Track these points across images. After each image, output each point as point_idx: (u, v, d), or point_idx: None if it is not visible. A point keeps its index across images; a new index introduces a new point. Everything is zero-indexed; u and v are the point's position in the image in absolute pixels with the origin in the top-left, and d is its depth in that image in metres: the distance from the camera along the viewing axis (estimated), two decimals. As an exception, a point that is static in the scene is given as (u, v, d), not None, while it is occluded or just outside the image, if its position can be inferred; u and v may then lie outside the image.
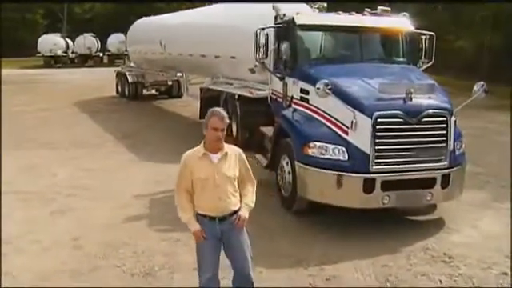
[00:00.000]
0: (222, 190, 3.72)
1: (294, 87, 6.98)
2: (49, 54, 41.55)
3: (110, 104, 18.19)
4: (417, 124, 5.70)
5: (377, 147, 5.64)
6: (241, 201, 3.84)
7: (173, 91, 19.32)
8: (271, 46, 7.63)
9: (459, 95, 7.23)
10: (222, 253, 3.87)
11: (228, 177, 3.74)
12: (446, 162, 5.93)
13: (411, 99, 5.68)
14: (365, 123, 5.64)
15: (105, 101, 18.99)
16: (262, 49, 7.35)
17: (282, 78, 7.46)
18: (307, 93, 6.54)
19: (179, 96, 18.86)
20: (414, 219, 6.55)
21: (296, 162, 6.16)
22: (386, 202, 5.77)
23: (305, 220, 6.32)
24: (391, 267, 5.15)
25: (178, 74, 17.07)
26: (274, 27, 7.60)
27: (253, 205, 3.89)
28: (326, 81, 5.80)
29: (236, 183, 3.82)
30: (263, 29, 7.30)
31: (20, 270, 4.96)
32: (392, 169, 5.73)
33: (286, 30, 7.40)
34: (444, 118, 5.84)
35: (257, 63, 7.46)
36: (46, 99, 19.22)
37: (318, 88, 5.77)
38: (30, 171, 8.75)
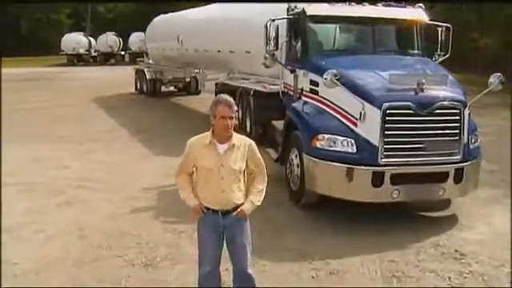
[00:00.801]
0: (226, 182, 3.58)
1: (304, 79, 6.87)
2: (72, 53, 42.28)
3: (128, 100, 18.34)
4: (428, 116, 5.53)
5: (386, 139, 5.49)
6: (247, 196, 3.69)
7: (191, 88, 19.36)
8: (282, 38, 7.52)
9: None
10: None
11: (233, 170, 3.58)
12: (459, 156, 5.73)
13: (423, 90, 5.51)
14: (374, 114, 5.50)
15: (123, 97, 19.17)
16: (272, 41, 7.24)
17: (293, 71, 7.36)
18: (317, 84, 6.42)
19: (197, 93, 18.90)
20: (426, 215, 6.36)
21: (304, 155, 6.06)
22: (395, 196, 5.61)
23: (313, 214, 6.21)
24: (398, 263, 5.00)
25: (196, 71, 17.14)
26: (285, 18, 7.49)
27: (258, 203, 3.70)
28: (334, 71, 5.67)
29: (242, 176, 3.66)
30: (273, 20, 7.19)
31: (21, 257, 4.97)
32: (402, 162, 5.57)
33: (297, 21, 7.30)
34: (457, 110, 5.65)
35: (267, 55, 7.34)
36: (65, 95, 19.52)
37: (326, 78, 5.65)
38: (42, 163, 8.82)
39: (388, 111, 5.45)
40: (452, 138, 5.69)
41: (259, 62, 9.74)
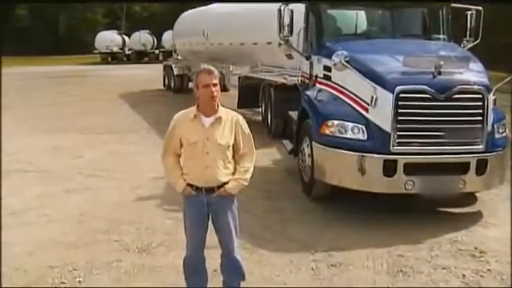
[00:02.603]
0: (211, 157, 3.41)
1: (318, 66, 6.66)
2: (105, 51, 42.93)
3: (155, 96, 18.51)
4: (447, 101, 5.19)
5: (399, 125, 5.20)
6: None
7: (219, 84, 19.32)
8: (298, 24, 7.31)
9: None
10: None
11: (219, 144, 3.41)
12: (481, 146, 5.36)
13: (440, 73, 5.18)
14: (386, 99, 5.22)
15: (150, 93, 19.36)
16: (286, 26, 7.05)
17: (308, 58, 7.15)
18: (329, 70, 6.19)
19: (225, 90, 18.84)
20: (447, 211, 6.01)
21: (313, 143, 5.85)
22: (409, 187, 5.30)
23: (323, 206, 6.00)
24: (408, 258, 4.72)
25: (222, 66, 17.09)
26: (299, 2, 7.28)
27: (245, 183, 3.54)
28: (344, 52, 5.44)
29: (230, 152, 3.50)
30: (287, 4, 7.00)
31: (20, 239, 5.03)
32: (416, 150, 5.26)
33: (311, 5, 7.08)
34: (479, 95, 5.28)
35: (281, 41, 7.16)
36: (95, 91, 19.92)
37: (334, 60, 5.42)
38: (59, 152, 9.04)
39: (401, 95, 5.16)
40: (474, 126, 5.32)
41: (281, 52, 9.65)
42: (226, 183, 3.49)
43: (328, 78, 6.27)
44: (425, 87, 5.16)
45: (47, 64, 35.59)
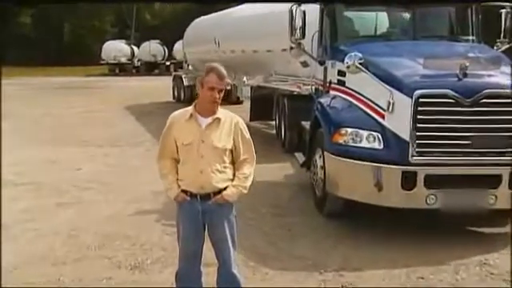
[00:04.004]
0: (207, 161, 3.39)
1: (332, 70, 6.62)
2: (113, 62, 43.24)
3: (163, 108, 18.59)
4: (473, 106, 5.06)
5: (418, 133, 5.09)
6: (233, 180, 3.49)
7: (231, 96, 19.36)
8: (310, 27, 7.29)
9: None
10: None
11: (215, 147, 3.39)
12: (514, 156, 5.22)
13: (466, 75, 5.08)
14: (404, 104, 5.13)
15: (158, 105, 19.52)
16: (298, 29, 7.04)
17: (322, 63, 7.12)
18: (344, 74, 6.15)
19: (239, 102, 18.87)
20: (475, 230, 5.84)
21: (325, 153, 5.78)
22: (431, 202, 5.18)
23: (336, 222, 5.92)
24: (430, 280, 4.59)
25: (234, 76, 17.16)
26: (312, 2, 7.28)
27: (244, 191, 3.50)
28: (359, 54, 5.39)
29: (227, 157, 3.47)
30: (299, 4, 7.00)
31: (4, 253, 4.97)
32: (438, 161, 5.14)
33: (325, 5, 7.08)
34: (511, 100, 5.16)
35: (293, 45, 7.15)
36: (99, 102, 20.21)
37: (347, 62, 5.38)
38: (55, 165, 9.13)
39: (421, 100, 5.07)
40: (505, 134, 5.16)
41: (296, 60, 9.65)
42: (224, 190, 3.45)
43: (342, 83, 6.22)
44: (448, 91, 5.06)
45: (51, 74, 36.26)
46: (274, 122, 12.41)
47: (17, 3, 40.08)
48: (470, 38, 6.93)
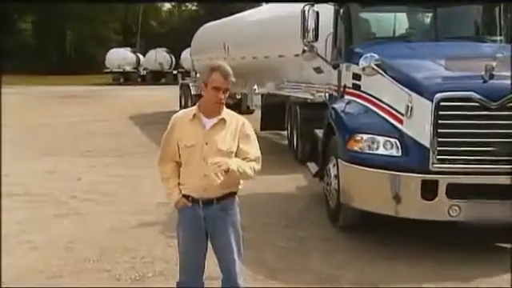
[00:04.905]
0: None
1: (347, 74, 6.59)
2: (117, 70, 43.53)
3: (168, 118, 18.44)
4: (500, 110, 4.99)
5: (440, 139, 5.03)
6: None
7: (242, 106, 19.39)
8: (323, 28, 7.28)
9: None
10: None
11: (219, 150, 3.34)
12: (547, 165, 5.12)
13: (492, 77, 5.00)
14: (424, 108, 5.08)
15: (164, 115, 19.45)
16: (311, 31, 7.03)
17: (336, 66, 7.10)
18: (359, 78, 6.12)
19: (250, 112, 18.88)
20: (505, 246, 5.71)
21: (339, 161, 5.73)
22: (454, 213, 5.09)
23: (353, 235, 5.88)
24: (451, 298, 4.50)
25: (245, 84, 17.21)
26: (325, 2, 7.28)
27: (250, 172, 3.33)
28: (375, 55, 5.36)
29: None
30: (312, 5, 7.00)
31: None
32: (462, 169, 5.05)
33: (340, 5, 7.08)
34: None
35: (305, 48, 7.13)
36: (102, 112, 20.40)
37: (362, 64, 5.35)
38: (55, 175, 9.19)
39: (442, 103, 5.00)
40: None
41: (309, 66, 9.66)
42: (228, 195, 3.41)
43: (357, 87, 6.19)
44: (472, 94, 4.99)
45: (52, 83, 36.66)
46: (285, 132, 12.40)
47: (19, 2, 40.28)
48: (498, 38, 6.86)
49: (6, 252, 5.45)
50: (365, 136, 5.44)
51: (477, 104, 5.01)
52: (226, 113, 3.46)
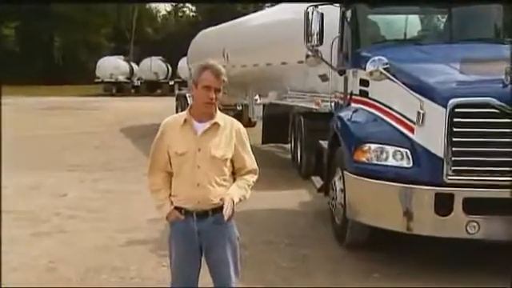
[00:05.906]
0: (203, 173, 3.33)
1: (354, 80, 6.58)
2: (109, 80, 43.45)
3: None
4: None
5: (455, 149, 4.99)
6: None
7: (243, 118, 19.33)
8: (334, 31, 7.28)
9: None
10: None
11: (213, 156, 3.33)
12: None
13: None
14: (437, 115, 5.04)
15: (157, 127, 19.59)
16: (315, 35, 7.02)
17: (342, 72, 7.08)
18: (367, 84, 6.10)
19: (251, 125, 18.80)
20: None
21: (346, 173, 5.69)
22: (472, 230, 5.01)
23: (358, 253, 5.85)
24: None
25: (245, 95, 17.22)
26: (330, 3, 7.28)
27: (243, 196, 3.40)
28: (384, 58, 5.34)
29: (227, 168, 3.42)
30: (316, 6, 7.00)
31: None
32: (480, 182, 4.99)
33: (346, 6, 7.09)
34: None
35: (309, 52, 7.12)
36: (92, 124, 20.52)
37: (369, 68, 5.33)
38: (38, 191, 9.19)
39: (457, 110, 4.97)
40: None
41: (314, 73, 9.66)
42: (223, 207, 3.36)
43: (365, 94, 6.17)
44: (490, 99, 4.95)
45: (39, 94, 36.82)
46: (288, 146, 12.37)
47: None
48: None
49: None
50: (373, 146, 5.40)
51: (496, 110, 4.97)
52: (220, 116, 3.44)
